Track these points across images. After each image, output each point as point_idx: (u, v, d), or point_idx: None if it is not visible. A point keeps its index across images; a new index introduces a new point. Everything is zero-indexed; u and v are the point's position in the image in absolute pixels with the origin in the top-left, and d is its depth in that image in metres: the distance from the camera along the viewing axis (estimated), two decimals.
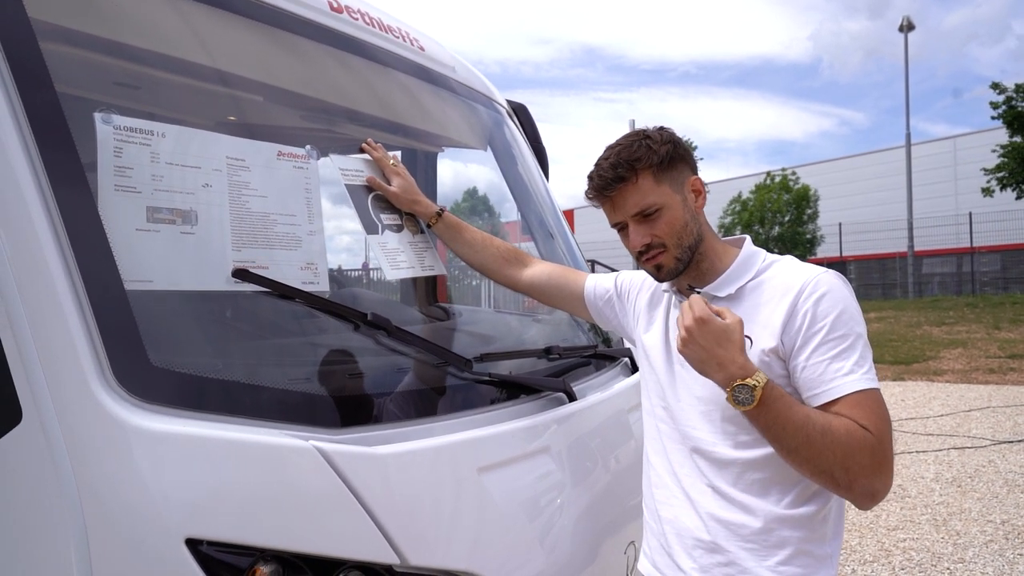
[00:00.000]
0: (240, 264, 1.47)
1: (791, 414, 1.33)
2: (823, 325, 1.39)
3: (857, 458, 1.32)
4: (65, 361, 1.16)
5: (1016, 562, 4.33)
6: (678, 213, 1.52)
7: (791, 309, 1.42)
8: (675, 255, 1.52)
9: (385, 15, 2.32)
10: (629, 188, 1.51)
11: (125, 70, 1.57)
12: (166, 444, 1.16)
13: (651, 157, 1.50)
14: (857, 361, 1.38)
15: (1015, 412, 8.63)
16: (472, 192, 3.40)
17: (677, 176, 1.54)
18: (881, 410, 1.36)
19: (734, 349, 1.35)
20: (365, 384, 1.52)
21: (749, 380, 1.33)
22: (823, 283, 1.42)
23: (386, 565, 1.27)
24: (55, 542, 1.13)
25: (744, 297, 1.51)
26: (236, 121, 1.76)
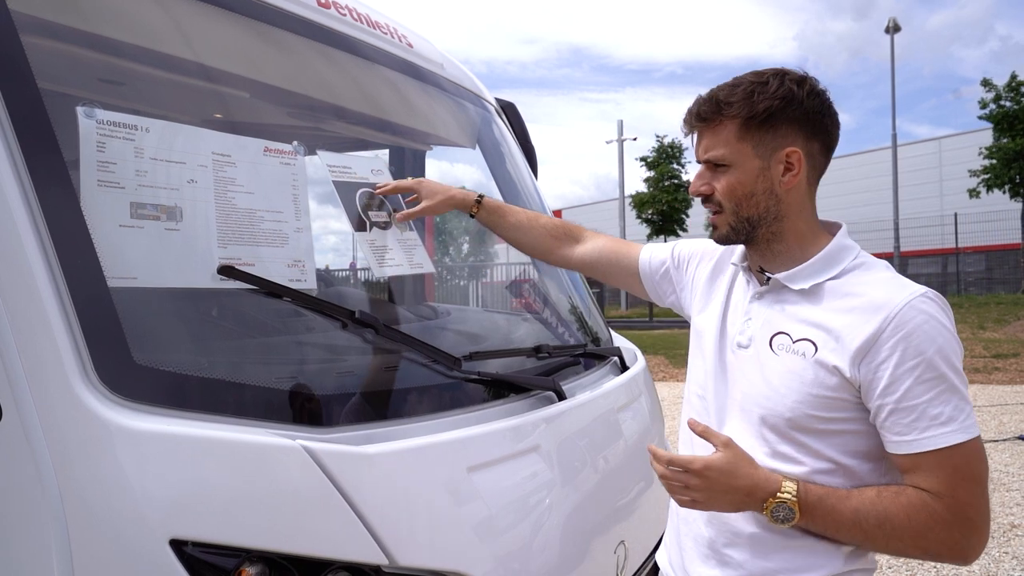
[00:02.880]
0: (226, 261, 1.45)
1: (839, 516, 1.23)
2: (917, 364, 1.21)
3: (930, 537, 1.21)
4: (47, 359, 1.14)
5: (1001, 560, 4.36)
6: (746, 180, 1.33)
7: (874, 336, 1.23)
8: (729, 222, 1.37)
9: (373, 11, 2.31)
10: (708, 130, 1.35)
11: (108, 65, 1.55)
12: (150, 443, 1.13)
13: (745, 108, 1.30)
14: (956, 406, 1.21)
15: (1000, 411, 8.71)
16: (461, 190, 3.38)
17: (770, 140, 1.32)
18: (970, 467, 1.21)
19: (746, 470, 1.25)
20: (353, 383, 1.51)
21: (781, 494, 1.23)
22: (917, 312, 1.22)
23: (374, 565, 1.26)
24: (36, 543, 1.11)
25: (820, 296, 1.32)
26: (222, 117, 1.74)
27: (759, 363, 1.36)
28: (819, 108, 1.33)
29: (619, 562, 1.87)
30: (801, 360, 1.29)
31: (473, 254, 4.12)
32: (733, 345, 1.42)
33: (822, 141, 1.35)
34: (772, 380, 1.32)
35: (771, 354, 1.34)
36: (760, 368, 1.35)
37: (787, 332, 1.33)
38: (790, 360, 1.31)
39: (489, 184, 2.92)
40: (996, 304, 20.53)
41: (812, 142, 1.34)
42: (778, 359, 1.33)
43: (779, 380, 1.31)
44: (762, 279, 1.41)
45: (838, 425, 1.28)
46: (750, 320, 1.40)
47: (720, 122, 1.33)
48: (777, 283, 1.37)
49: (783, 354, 1.32)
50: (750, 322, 1.40)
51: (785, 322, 1.35)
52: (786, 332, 1.33)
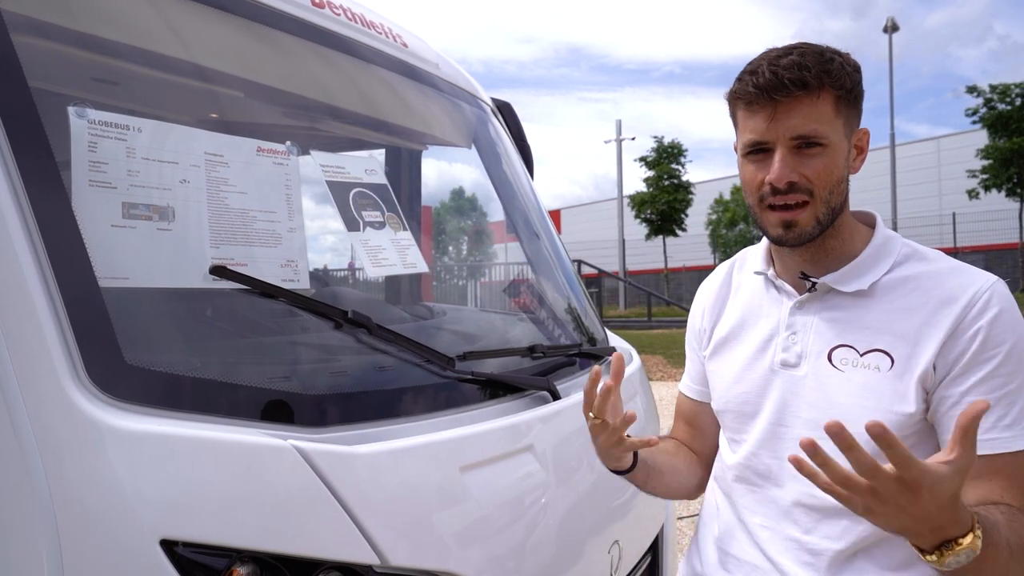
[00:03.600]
0: (218, 261, 1.44)
1: (997, 552, 0.97)
2: (995, 354, 1.08)
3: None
4: (37, 359, 1.13)
5: None
6: (840, 162, 1.16)
7: (955, 325, 1.10)
8: (818, 214, 1.16)
9: (368, 11, 2.30)
10: (806, 101, 1.12)
11: (100, 64, 1.55)
12: (141, 444, 1.13)
13: (843, 79, 1.13)
14: (1022, 409, 1.08)
15: None
16: (457, 191, 3.39)
17: (854, 120, 1.19)
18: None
19: (957, 499, 0.91)
20: (345, 383, 1.50)
21: (975, 536, 0.93)
22: (1000, 298, 1.11)
23: (366, 565, 1.25)
24: (26, 544, 1.11)
25: (879, 296, 1.17)
26: (216, 117, 1.74)
27: (819, 383, 1.19)
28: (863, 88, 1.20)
29: (613, 562, 1.87)
30: (876, 375, 1.14)
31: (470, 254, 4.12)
32: (775, 365, 1.24)
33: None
34: (841, 401, 1.15)
35: (833, 371, 1.18)
36: (822, 389, 1.18)
37: (850, 344, 1.17)
38: (861, 376, 1.15)
39: (485, 183, 2.92)
40: None
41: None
42: (844, 376, 1.17)
43: (851, 400, 1.15)
44: (802, 286, 1.24)
45: (910, 441, 1.12)
46: (795, 335, 1.23)
47: (819, 94, 1.12)
48: (825, 287, 1.21)
49: (849, 370, 1.16)
50: (795, 336, 1.23)
51: (845, 332, 1.19)
52: (848, 344, 1.18)
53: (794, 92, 1.12)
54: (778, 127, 1.14)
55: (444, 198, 3.38)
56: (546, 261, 2.83)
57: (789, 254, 1.25)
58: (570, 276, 2.88)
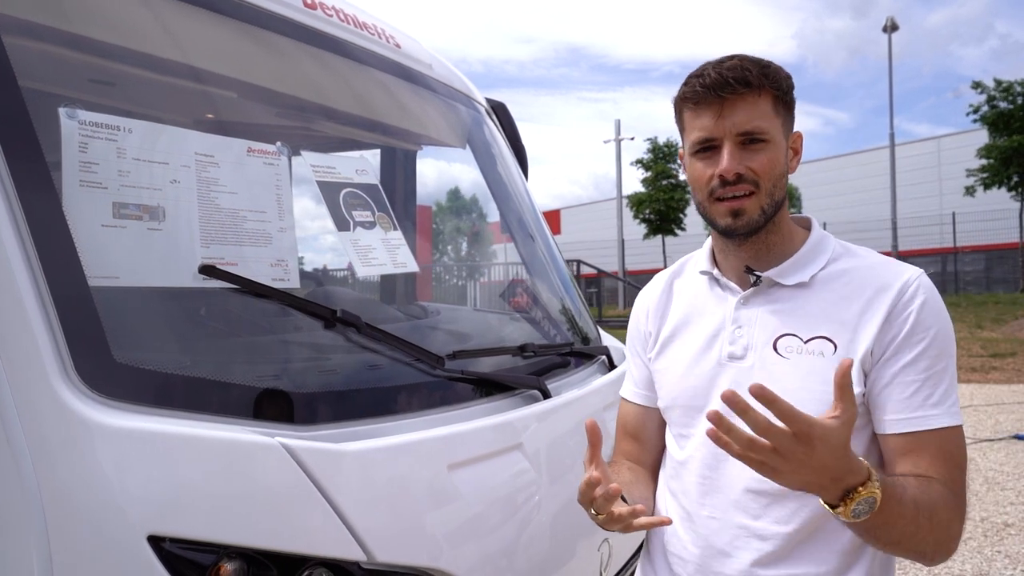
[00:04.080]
0: (209, 260, 1.46)
1: (903, 509, 1.06)
2: (923, 338, 1.18)
3: (950, 530, 1.13)
4: (26, 357, 1.15)
5: (994, 559, 4.37)
6: (781, 158, 1.26)
7: (890, 311, 1.19)
8: (762, 203, 1.24)
9: (360, 11, 2.32)
10: (749, 98, 1.21)
11: (93, 65, 1.56)
12: (129, 441, 1.15)
13: (780, 82, 1.24)
14: (947, 390, 1.18)
15: (996, 411, 8.72)
16: (452, 191, 3.40)
17: (789, 122, 1.29)
18: (961, 452, 1.17)
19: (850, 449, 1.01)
20: (334, 381, 1.52)
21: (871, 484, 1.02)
22: (926, 288, 1.22)
23: (353, 562, 1.27)
24: (15, 540, 1.12)
25: (817, 288, 1.26)
26: (209, 118, 1.75)
27: (766, 371, 1.24)
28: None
29: (603, 560, 1.88)
30: (820, 360, 1.21)
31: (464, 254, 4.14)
32: (723, 359, 1.30)
33: None
34: (787, 387, 1.16)
35: (779, 359, 1.24)
36: (768, 377, 1.22)
37: (794, 333, 1.24)
38: (806, 362, 1.22)
39: (480, 183, 2.94)
40: (994, 303, 20.56)
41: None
42: (790, 363, 1.23)
43: (798, 385, 1.20)
44: (746, 282, 1.32)
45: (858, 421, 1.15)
46: (741, 328, 1.30)
47: (761, 92, 1.22)
48: (768, 281, 1.29)
49: (794, 357, 1.23)
50: (741, 330, 1.29)
51: (788, 322, 1.26)
52: (792, 333, 1.25)
53: (738, 89, 1.21)
54: (724, 123, 1.23)
55: (439, 198, 3.39)
56: (540, 261, 2.84)
57: (735, 251, 1.33)
58: (563, 276, 2.89)
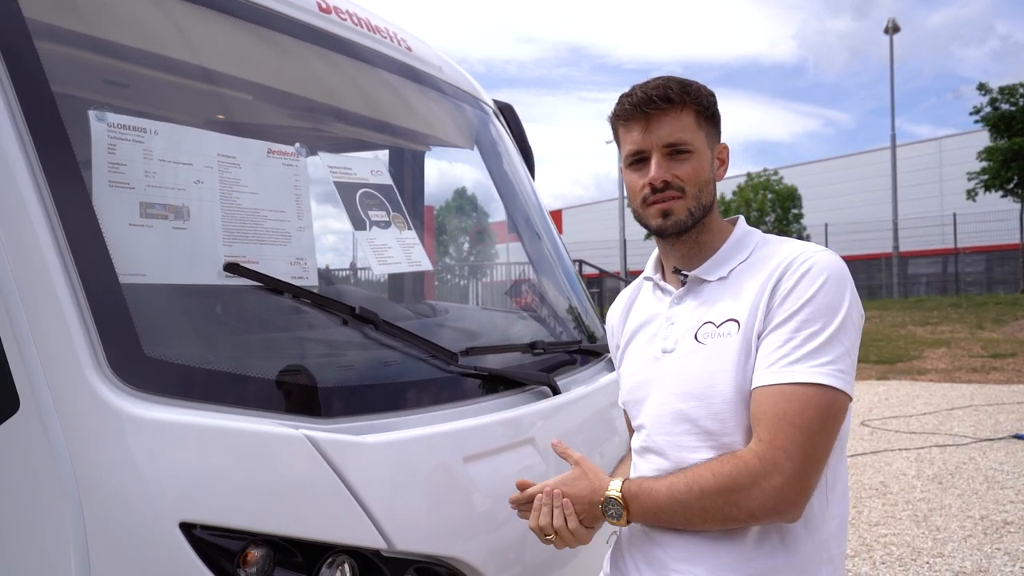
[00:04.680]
0: (231, 259, 1.50)
1: (657, 495, 1.29)
2: (798, 299, 1.25)
3: (739, 491, 1.20)
4: (62, 351, 1.19)
5: (993, 556, 4.42)
6: (706, 167, 1.38)
7: (776, 281, 1.29)
8: (689, 206, 1.36)
9: (372, 15, 2.36)
10: (672, 114, 1.35)
11: (118, 69, 1.61)
12: (161, 432, 1.19)
13: (701, 98, 1.37)
14: (818, 349, 1.21)
15: (996, 411, 8.76)
16: (460, 191, 3.44)
17: (713, 134, 1.41)
18: (800, 413, 1.20)
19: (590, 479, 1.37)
20: (353, 375, 1.56)
21: (608, 493, 1.33)
22: (818, 259, 1.28)
23: (374, 550, 1.31)
24: (52, 527, 1.16)
25: (734, 279, 1.37)
26: (228, 120, 1.79)
27: (687, 359, 1.36)
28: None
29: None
30: (728, 340, 1.31)
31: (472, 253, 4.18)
32: (658, 354, 1.42)
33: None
34: (703, 369, 1.32)
35: (698, 346, 1.35)
36: (689, 363, 1.35)
37: (710, 320, 1.35)
38: (718, 344, 1.32)
39: (487, 184, 2.98)
40: (995, 304, 20.58)
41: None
42: (706, 347, 1.34)
43: (711, 367, 1.31)
44: (678, 281, 1.44)
45: None
46: (673, 324, 1.41)
47: (684, 107, 1.36)
48: (696, 279, 1.41)
49: (710, 341, 1.34)
50: (673, 326, 1.41)
51: (708, 313, 1.37)
52: (710, 321, 1.35)
53: (661, 106, 1.35)
54: (651, 137, 1.36)
55: (447, 198, 3.44)
56: (547, 260, 2.89)
57: (671, 251, 1.45)
58: (570, 275, 2.94)
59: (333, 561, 1.27)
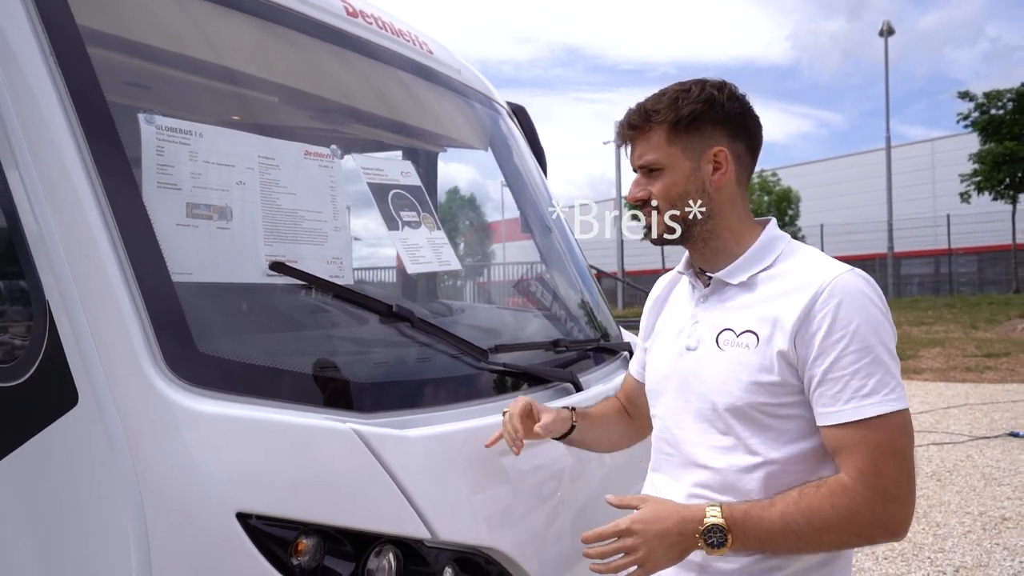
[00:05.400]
0: (272, 258, 1.54)
1: (769, 524, 1.26)
2: (843, 334, 1.26)
3: (858, 520, 1.24)
4: (120, 347, 1.23)
5: (992, 551, 4.49)
6: (679, 180, 1.40)
7: (807, 309, 1.29)
8: (664, 222, 1.43)
9: (396, 19, 2.41)
10: (640, 138, 1.42)
11: (160, 73, 1.65)
12: (216, 425, 1.23)
13: (671, 113, 1.39)
14: (881, 379, 1.25)
15: (991, 409, 8.86)
16: (474, 190, 3.49)
17: (698, 142, 1.40)
18: (895, 440, 1.25)
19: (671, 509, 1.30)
20: (392, 372, 1.61)
21: (708, 519, 1.26)
22: (844, 284, 1.29)
23: (418, 540, 1.36)
24: (112, 517, 1.20)
25: (756, 287, 1.39)
26: (263, 122, 1.83)
27: (708, 361, 1.40)
28: (740, 110, 1.42)
29: None
30: (746, 351, 1.34)
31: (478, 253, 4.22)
32: (682, 350, 1.46)
33: (746, 141, 1.44)
34: (721, 374, 1.37)
35: (718, 351, 1.39)
36: (709, 365, 1.39)
37: (731, 328, 1.38)
38: (736, 353, 1.36)
39: (502, 183, 3.02)
40: (988, 304, 20.72)
41: (736, 142, 1.42)
42: (724, 354, 1.37)
43: (727, 373, 1.36)
44: (705, 281, 1.47)
45: (787, 411, 1.32)
46: (697, 323, 1.45)
47: (649, 128, 1.41)
48: (719, 282, 1.43)
49: (728, 349, 1.37)
50: (697, 325, 1.45)
51: (728, 318, 1.39)
52: (730, 328, 1.38)
53: (628, 132, 1.44)
54: (631, 158, 1.47)
55: (461, 197, 3.48)
56: (561, 259, 2.93)
57: (691, 254, 1.50)
58: (584, 274, 2.98)
59: (380, 551, 1.32)
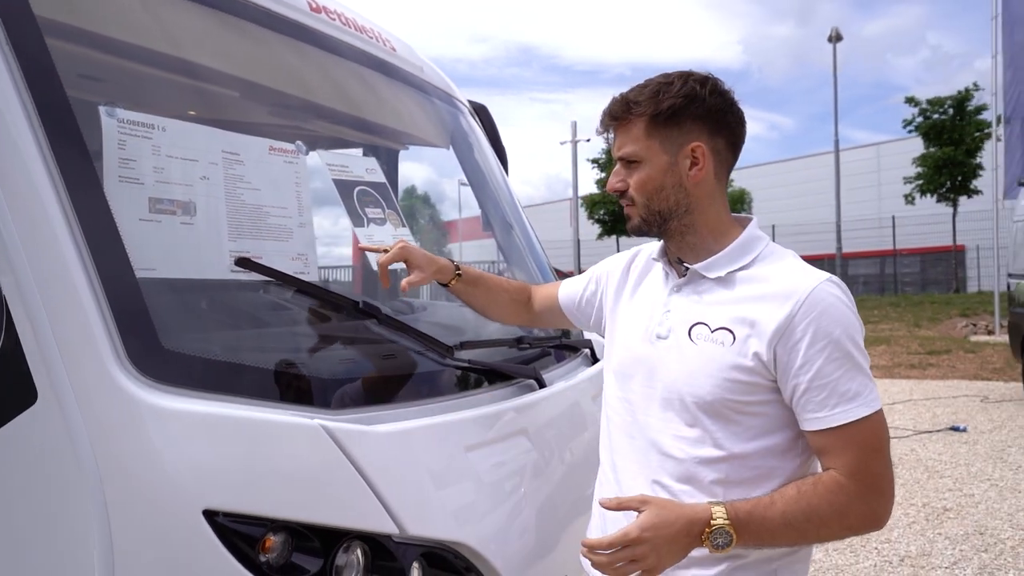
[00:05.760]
0: (237, 253, 1.53)
1: (772, 524, 1.30)
2: (826, 343, 1.30)
3: (851, 515, 1.31)
4: (81, 343, 1.21)
5: (935, 540, 4.66)
6: (655, 174, 1.42)
7: (788, 319, 1.32)
8: (640, 214, 1.45)
9: (358, 16, 2.40)
10: (621, 128, 1.44)
11: (122, 67, 1.61)
12: (182, 422, 1.22)
13: (651, 106, 1.40)
14: (861, 383, 1.31)
15: (933, 404, 9.19)
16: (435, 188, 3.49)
17: (676, 136, 1.41)
18: (876, 439, 1.32)
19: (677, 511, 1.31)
20: (360, 368, 1.60)
21: (715, 521, 1.29)
22: (824, 295, 1.33)
23: (386, 535, 1.36)
24: (75, 515, 1.18)
25: (734, 284, 1.41)
26: (224, 117, 1.81)
27: (679, 352, 1.41)
28: (721, 106, 1.42)
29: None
30: (720, 348, 1.36)
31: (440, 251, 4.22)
32: (652, 337, 1.47)
33: (726, 137, 1.44)
34: (692, 367, 1.38)
35: (690, 343, 1.40)
36: (680, 357, 1.41)
37: (705, 322, 1.40)
38: (709, 348, 1.37)
39: (463, 182, 3.03)
40: (930, 303, 21.47)
41: (716, 138, 1.43)
42: (697, 348, 1.39)
43: (698, 367, 1.37)
44: (681, 271, 1.49)
45: (754, 408, 1.36)
46: (669, 312, 1.46)
47: (630, 120, 1.42)
48: (695, 273, 1.45)
49: (701, 343, 1.39)
50: (669, 314, 1.46)
51: (703, 312, 1.41)
52: (704, 322, 1.40)
53: (609, 123, 1.47)
54: (614, 148, 1.48)
55: (422, 195, 3.47)
56: (523, 256, 2.95)
57: (668, 245, 1.52)
58: (546, 271, 3.01)
59: (348, 547, 1.32)
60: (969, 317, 17.89)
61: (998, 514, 5.10)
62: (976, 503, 5.35)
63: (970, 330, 16.57)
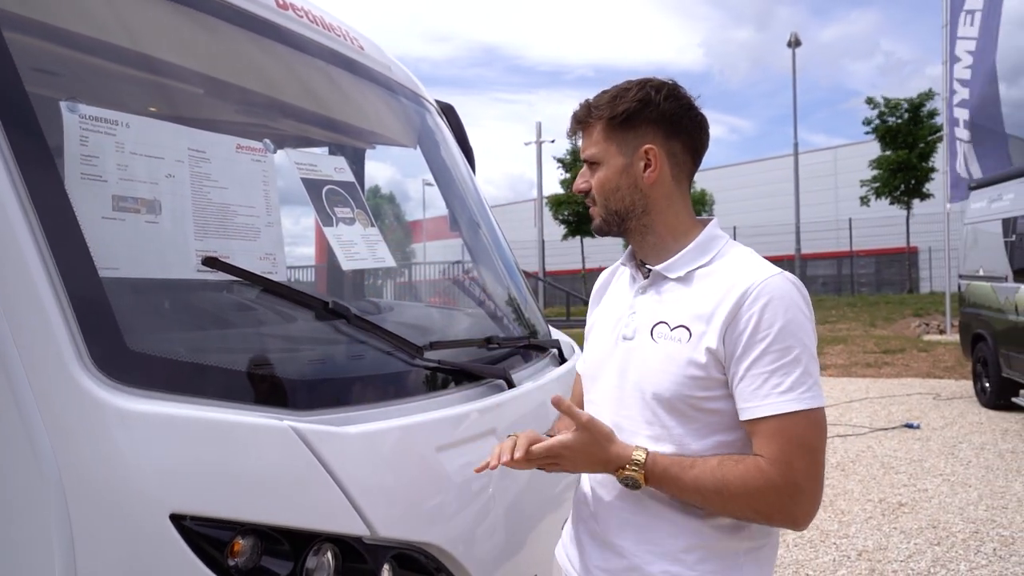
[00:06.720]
0: (203, 254, 1.50)
1: (681, 483, 1.35)
2: (767, 334, 1.32)
3: (762, 500, 1.32)
4: (43, 345, 1.17)
5: (891, 535, 4.78)
6: (611, 175, 1.47)
7: (735, 310, 1.35)
8: (600, 214, 1.51)
9: (327, 14, 2.37)
10: (585, 131, 1.51)
11: (84, 61, 1.58)
12: (149, 425, 1.19)
13: (608, 110, 1.46)
14: (798, 378, 1.32)
15: (889, 402, 9.42)
16: (401, 188, 3.47)
17: (631, 139, 1.46)
18: (807, 435, 1.32)
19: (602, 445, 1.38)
20: (328, 369, 1.59)
21: (629, 467, 1.36)
22: (772, 287, 1.35)
23: (356, 537, 1.35)
24: (34, 523, 1.15)
25: (692, 282, 1.44)
26: (189, 115, 1.78)
27: (642, 352, 1.45)
28: (676, 110, 1.46)
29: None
30: (678, 345, 1.40)
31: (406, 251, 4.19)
32: (619, 339, 1.52)
33: (683, 141, 1.48)
34: (653, 365, 1.42)
35: (652, 343, 1.44)
36: (643, 356, 1.45)
37: (665, 321, 1.43)
38: (668, 347, 1.41)
39: (431, 181, 3.02)
40: (885, 303, 22.01)
41: (672, 141, 1.47)
42: (657, 346, 1.43)
43: (658, 365, 1.41)
44: (644, 273, 1.53)
45: (710, 404, 1.38)
46: (635, 314, 1.50)
47: (591, 124, 1.49)
48: (657, 275, 1.48)
49: (662, 342, 1.42)
50: (635, 315, 1.50)
51: (664, 311, 1.45)
52: (664, 321, 1.44)
53: (575, 126, 1.53)
54: (581, 150, 1.54)
55: (390, 196, 3.45)
56: (490, 257, 2.96)
57: (634, 248, 1.56)
58: (513, 272, 3.02)
59: (319, 549, 1.31)
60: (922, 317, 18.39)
61: (950, 508, 5.25)
62: (929, 498, 5.51)
63: (923, 330, 17.03)
